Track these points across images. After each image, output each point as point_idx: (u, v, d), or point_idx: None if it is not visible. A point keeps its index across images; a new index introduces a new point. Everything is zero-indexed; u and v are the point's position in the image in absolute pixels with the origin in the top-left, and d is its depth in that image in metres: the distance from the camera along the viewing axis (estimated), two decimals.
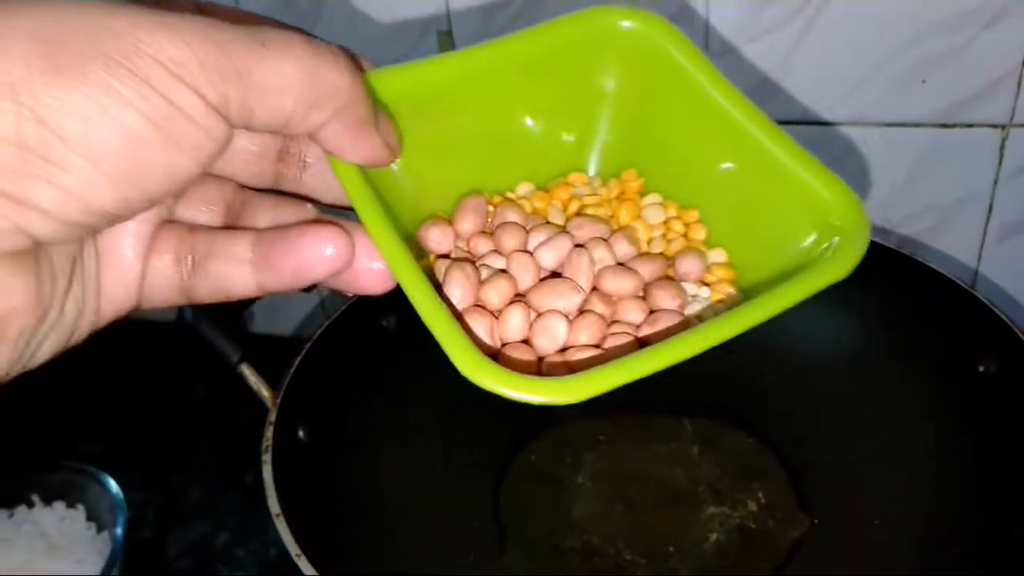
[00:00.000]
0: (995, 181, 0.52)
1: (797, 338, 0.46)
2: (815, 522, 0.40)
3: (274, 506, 0.33)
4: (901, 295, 0.43)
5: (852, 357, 0.44)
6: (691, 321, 0.24)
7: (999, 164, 0.52)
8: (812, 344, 0.45)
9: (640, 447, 0.45)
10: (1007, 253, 0.54)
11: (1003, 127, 0.50)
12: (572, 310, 0.23)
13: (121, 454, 0.58)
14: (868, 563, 0.37)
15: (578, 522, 0.42)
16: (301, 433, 0.38)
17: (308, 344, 0.40)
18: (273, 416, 0.36)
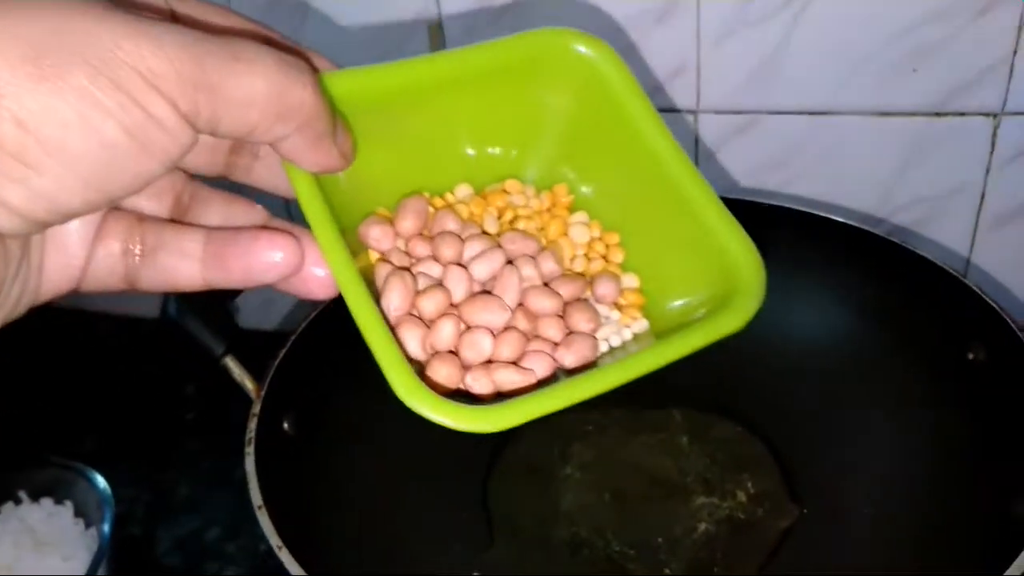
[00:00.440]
0: (987, 169, 0.52)
1: (788, 327, 0.45)
2: (804, 512, 0.40)
3: (256, 498, 0.33)
4: (891, 283, 0.43)
5: (842, 345, 0.44)
6: (601, 349, 0.26)
7: (991, 152, 0.51)
8: (803, 333, 0.45)
9: (629, 437, 0.44)
10: (1000, 241, 0.54)
11: (995, 115, 0.50)
12: (498, 327, 0.25)
13: (110, 450, 0.58)
14: (857, 552, 0.37)
15: (567, 513, 0.41)
16: (286, 425, 0.38)
17: (293, 336, 0.40)
18: (256, 408, 0.36)
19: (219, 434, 0.54)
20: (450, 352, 0.24)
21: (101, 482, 0.47)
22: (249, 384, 0.38)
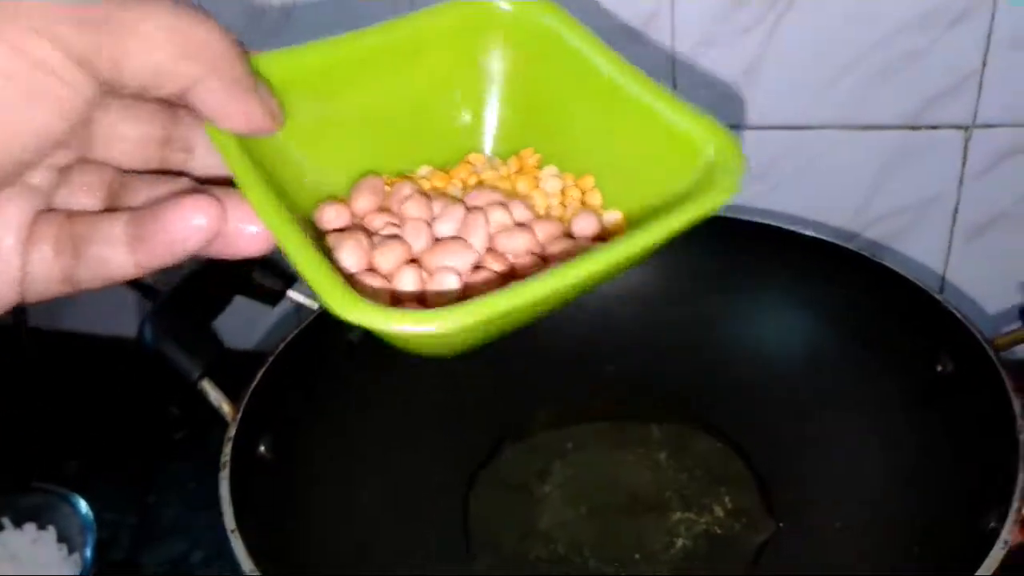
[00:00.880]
0: (960, 181, 0.52)
1: (764, 342, 0.46)
2: (780, 526, 0.40)
3: (229, 522, 0.33)
4: (862, 296, 0.43)
5: (817, 359, 0.44)
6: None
7: (963, 164, 0.52)
8: (778, 347, 0.45)
9: (608, 454, 0.44)
10: (974, 252, 0.54)
11: (966, 128, 0.51)
12: (465, 268, 0.23)
13: (94, 474, 0.58)
14: (832, 566, 0.37)
15: (545, 531, 0.41)
16: (263, 448, 0.38)
17: (271, 358, 0.40)
18: (232, 432, 0.36)
19: (205, 456, 0.54)
20: (417, 301, 0.22)
21: (83, 507, 0.47)
22: (226, 407, 0.38)
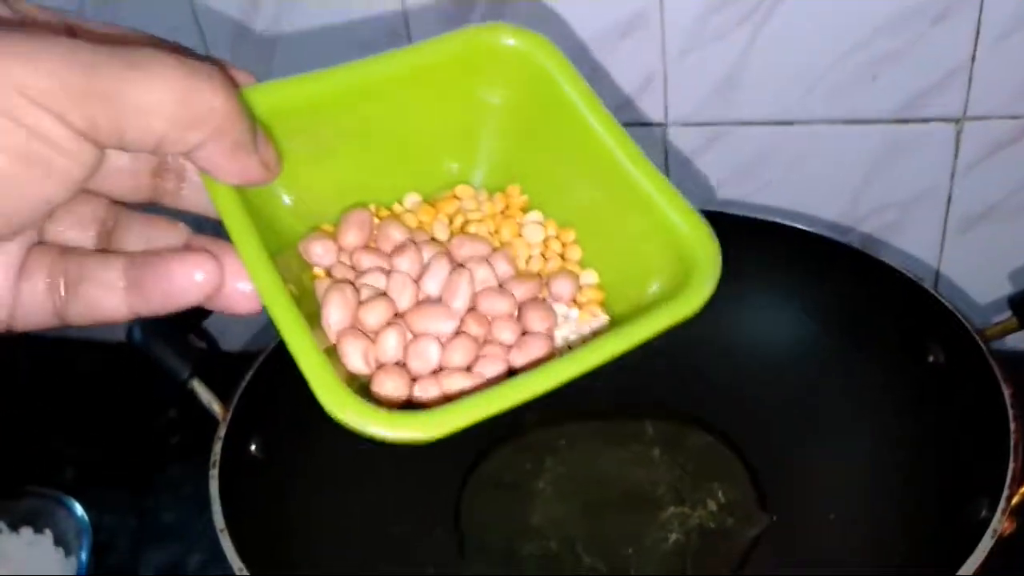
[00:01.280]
0: (952, 174, 0.52)
1: (756, 335, 0.46)
2: (774, 519, 0.40)
3: (219, 521, 0.33)
4: (853, 289, 0.43)
5: (809, 353, 0.44)
6: (558, 347, 0.25)
7: (955, 157, 0.52)
8: (770, 340, 0.45)
9: (601, 450, 0.44)
10: (968, 244, 0.54)
11: (957, 121, 0.50)
12: (447, 333, 0.24)
13: (91, 478, 0.58)
14: (824, 559, 0.37)
15: (537, 528, 0.41)
16: (253, 448, 0.38)
17: (261, 357, 0.40)
18: (222, 431, 0.36)
19: (202, 459, 0.54)
20: (397, 364, 0.23)
21: (79, 510, 0.47)
22: (216, 407, 0.38)
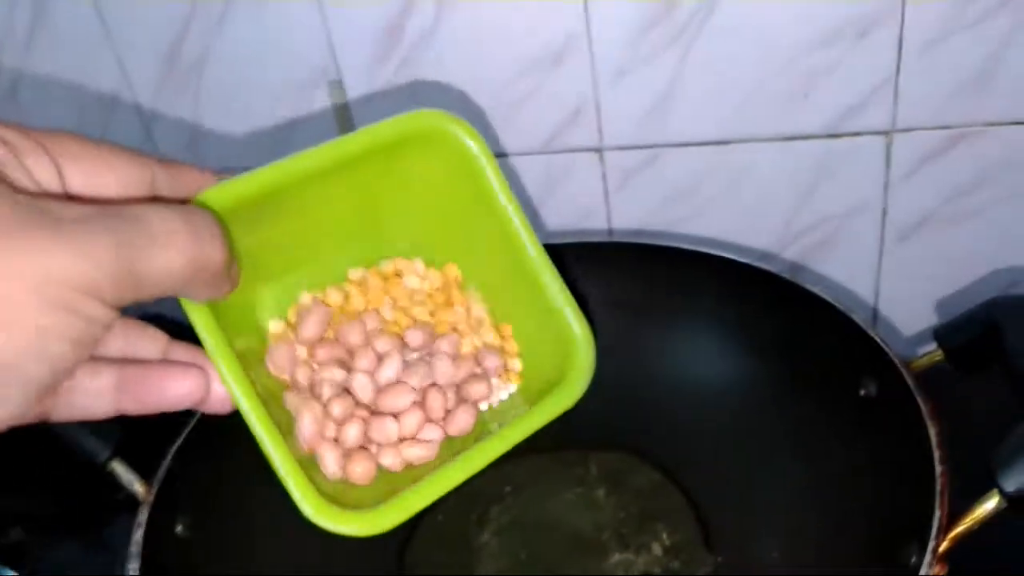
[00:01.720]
0: (886, 186, 0.52)
1: (696, 369, 0.45)
2: (719, 560, 0.40)
3: None
4: (787, 321, 0.42)
5: (748, 386, 0.44)
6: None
7: (888, 169, 0.52)
8: (709, 374, 0.45)
9: (546, 495, 0.44)
10: (906, 254, 0.55)
11: (887, 133, 0.50)
12: (404, 408, 0.28)
13: (40, 541, 0.56)
14: None
15: None
16: (179, 528, 0.37)
17: (186, 431, 0.39)
18: (143, 517, 0.35)
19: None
20: (362, 447, 0.28)
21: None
22: (139, 488, 0.37)
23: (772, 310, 0.42)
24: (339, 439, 0.27)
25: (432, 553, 0.42)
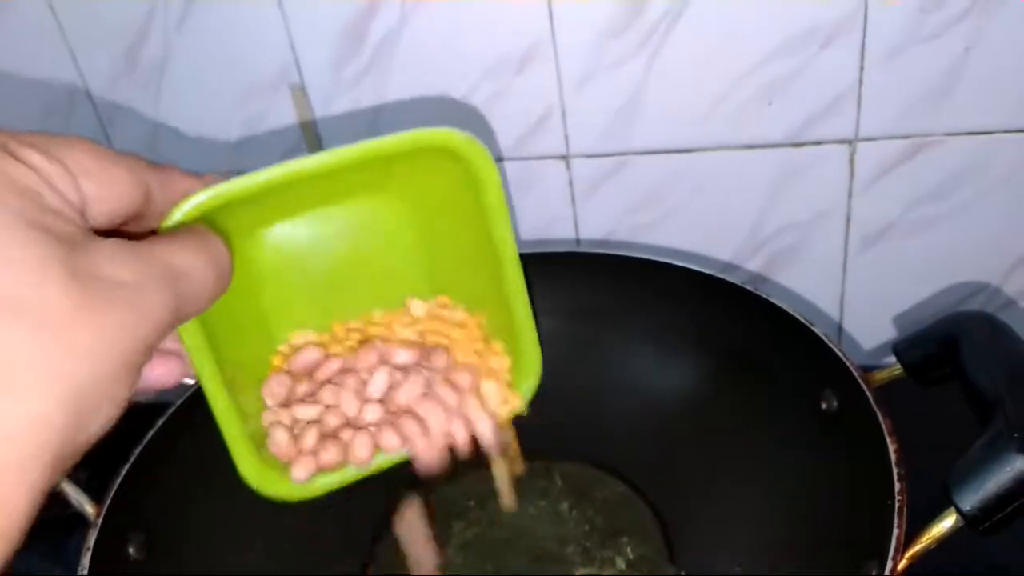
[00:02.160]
0: (850, 194, 0.53)
1: (660, 380, 0.45)
2: (682, 574, 0.39)
3: None
4: (750, 333, 0.42)
5: (713, 400, 0.44)
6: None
7: (851, 178, 0.52)
8: (673, 385, 0.45)
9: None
10: (870, 261, 0.55)
11: (850, 142, 0.51)
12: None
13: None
14: None
15: None
16: (132, 550, 0.36)
17: (137, 450, 0.38)
18: (91, 540, 0.34)
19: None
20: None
21: None
22: (89, 508, 0.36)
23: (734, 322, 0.42)
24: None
25: (396, 571, 0.42)
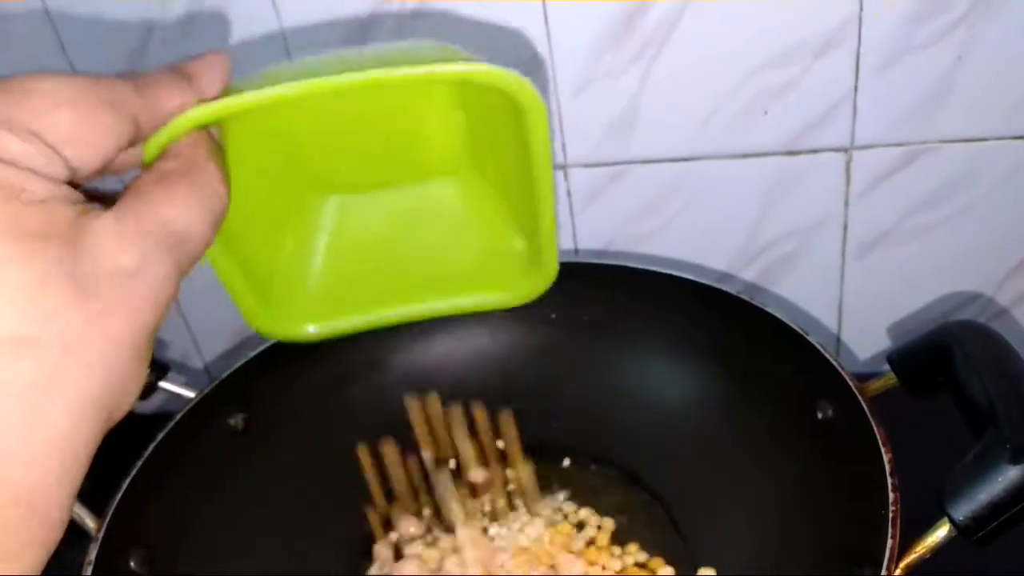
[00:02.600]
0: (846, 203, 0.53)
1: (661, 393, 0.45)
2: None
3: None
4: (748, 344, 0.42)
5: (709, 409, 0.43)
6: None
7: (847, 186, 0.52)
8: (673, 398, 0.45)
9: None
10: (867, 268, 0.55)
11: (846, 150, 0.51)
12: None
13: None
14: None
15: None
16: (133, 564, 0.36)
17: (139, 463, 0.38)
18: (92, 554, 0.34)
19: None
20: None
21: None
22: (90, 522, 0.36)
23: (730, 332, 0.42)
24: None
25: None
